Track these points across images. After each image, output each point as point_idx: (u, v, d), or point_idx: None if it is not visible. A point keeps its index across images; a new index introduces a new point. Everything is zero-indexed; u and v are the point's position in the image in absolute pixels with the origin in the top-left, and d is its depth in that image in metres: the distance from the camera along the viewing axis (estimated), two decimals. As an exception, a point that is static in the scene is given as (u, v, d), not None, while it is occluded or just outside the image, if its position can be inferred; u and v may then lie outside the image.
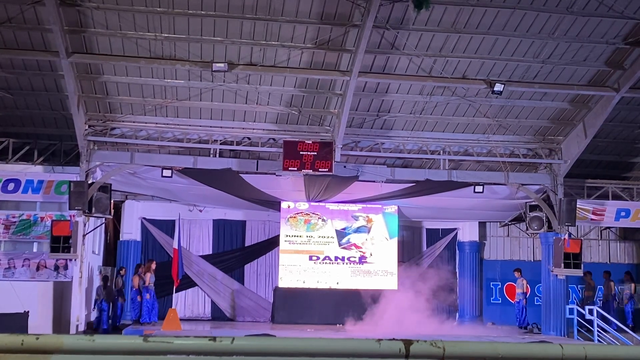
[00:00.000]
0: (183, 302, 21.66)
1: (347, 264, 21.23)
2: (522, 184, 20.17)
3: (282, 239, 21.09)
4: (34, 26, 16.00)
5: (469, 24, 16.25)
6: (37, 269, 18.36)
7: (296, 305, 20.73)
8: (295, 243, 21.07)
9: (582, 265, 19.42)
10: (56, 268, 18.40)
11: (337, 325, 19.57)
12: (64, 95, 18.04)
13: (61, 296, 18.37)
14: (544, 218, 19.84)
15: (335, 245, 21.26)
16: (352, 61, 16.59)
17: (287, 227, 21.09)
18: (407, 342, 3.78)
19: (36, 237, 18.64)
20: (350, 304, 19.72)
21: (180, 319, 18.33)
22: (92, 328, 18.73)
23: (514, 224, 23.47)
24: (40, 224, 18.58)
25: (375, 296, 19.72)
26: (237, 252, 22.45)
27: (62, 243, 17.40)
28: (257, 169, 19.20)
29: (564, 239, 19.28)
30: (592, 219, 21.14)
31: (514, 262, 23.01)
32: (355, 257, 21.31)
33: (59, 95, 18.37)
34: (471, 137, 20.00)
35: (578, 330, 19.20)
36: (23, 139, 19.42)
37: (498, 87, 17.22)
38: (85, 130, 18.34)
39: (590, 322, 18.86)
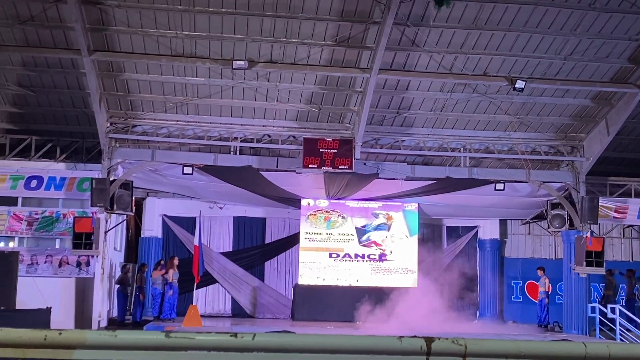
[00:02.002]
0: (204, 298, 21.75)
1: (367, 261, 21.22)
2: (544, 182, 20.02)
3: (302, 236, 21.12)
4: (57, 24, 16.15)
5: (490, 20, 16.17)
6: (60, 265, 18.57)
7: (316, 303, 20.72)
8: (315, 240, 21.09)
9: (604, 263, 19.26)
10: (78, 264, 18.60)
11: (357, 322, 19.54)
12: (85, 93, 18.19)
13: (83, 292, 18.53)
14: (566, 216, 19.70)
15: (355, 243, 21.24)
16: (372, 58, 16.55)
17: (307, 224, 21.11)
18: (429, 340, 3.77)
19: (58, 233, 18.84)
20: (370, 302, 19.64)
21: (201, 316, 18.40)
22: (116, 323, 18.88)
23: (535, 221, 23.27)
24: (63, 220, 18.78)
25: (395, 294, 19.60)
26: (257, 249, 22.51)
27: (84, 240, 17.58)
28: (277, 167, 19.23)
29: (586, 237, 19.13)
30: (614, 217, 20.95)
31: (535, 260, 22.83)
32: (375, 255, 21.28)
33: (81, 92, 18.52)
34: (492, 134, 19.89)
35: (600, 329, 19.04)
36: (45, 136, 19.63)
37: (519, 84, 17.11)
38: (107, 127, 18.46)
39: (612, 320, 18.70)
